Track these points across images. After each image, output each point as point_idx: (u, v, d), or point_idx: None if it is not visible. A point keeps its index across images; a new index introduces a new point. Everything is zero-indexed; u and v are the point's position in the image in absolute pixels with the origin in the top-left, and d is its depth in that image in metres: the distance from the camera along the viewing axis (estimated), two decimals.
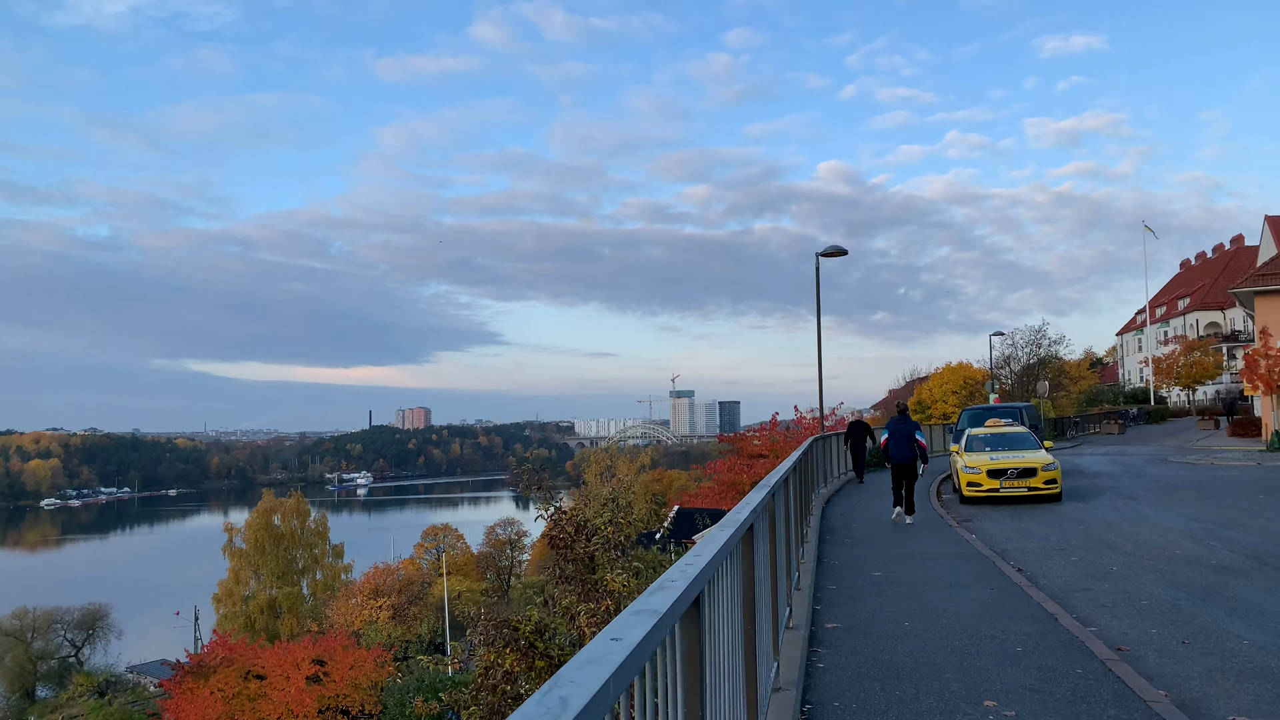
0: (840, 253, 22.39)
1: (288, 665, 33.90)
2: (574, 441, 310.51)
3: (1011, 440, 21.87)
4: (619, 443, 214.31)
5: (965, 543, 13.60)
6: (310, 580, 72.19)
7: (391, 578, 64.05)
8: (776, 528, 6.11)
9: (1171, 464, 31.25)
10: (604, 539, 10.57)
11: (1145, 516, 16.60)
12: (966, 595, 9.36)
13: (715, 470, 44.63)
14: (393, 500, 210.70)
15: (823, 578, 10.44)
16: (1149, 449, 41.62)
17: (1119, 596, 9.57)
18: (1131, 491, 21.51)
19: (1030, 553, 12.83)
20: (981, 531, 15.34)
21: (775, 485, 6.13)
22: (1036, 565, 11.74)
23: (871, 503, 20.33)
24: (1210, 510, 17.16)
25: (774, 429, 42.76)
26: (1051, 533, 14.91)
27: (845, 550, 12.82)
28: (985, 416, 27.54)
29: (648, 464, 59.97)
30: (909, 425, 17.08)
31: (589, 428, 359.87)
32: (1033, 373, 65.95)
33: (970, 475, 20.29)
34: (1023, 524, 16.38)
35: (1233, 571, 10.67)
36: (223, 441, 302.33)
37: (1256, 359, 34.45)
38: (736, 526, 3.57)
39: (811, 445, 17.49)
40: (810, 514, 15.82)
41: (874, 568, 11.24)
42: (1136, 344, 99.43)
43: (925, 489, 23.35)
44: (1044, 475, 19.80)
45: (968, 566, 11.24)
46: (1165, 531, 14.37)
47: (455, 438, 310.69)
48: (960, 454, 21.65)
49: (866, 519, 17.13)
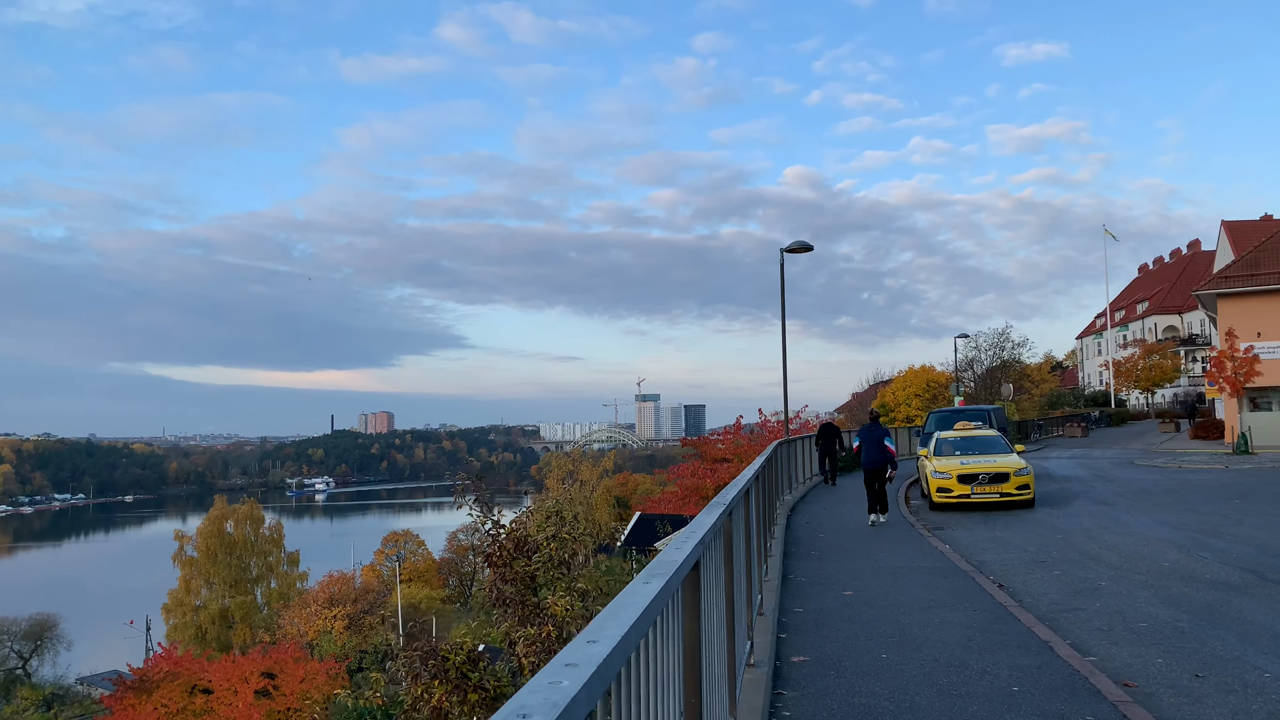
0: (806, 248, 21.50)
1: (235, 679, 32.54)
2: (539, 445, 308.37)
3: (982, 444, 21.09)
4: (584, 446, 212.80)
5: (940, 554, 12.68)
6: (265, 589, 70.44)
7: (347, 586, 62.42)
8: (735, 556, 5.08)
9: (1139, 467, 30.78)
10: (546, 557, 9.47)
11: (1125, 524, 15.83)
12: (948, 619, 8.39)
13: (678, 475, 43.67)
14: (355, 505, 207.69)
15: (789, 598, 9.43)
16: (1114, 452, 41.31)
17: (1114, 617, 8.66)
18: (1105, 497, 20.81)
19: (1010, 566, 11.93)
20: (955, 541, 14.46)
21: (733, 502, 5.09)
22: (1019, 580, 10.84)
23: (839, 509, 19.42)
24: (1190, 517, 16.44)
25: (738, 432, 41.92)
26: (1029, 542, 14.05)
27: (813, 564, 11.84)
28: (953, 419, 26.82)
29: (611, 468, 58.82)
30: (880, 431, 17.47)
31: (554, 431, 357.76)
32: (996, 376, 65.89)
33: (940, 481, 19.44)
34: (998, 532, 15.54)
35: (1231, 588, 9.82)
36: (181, 446, 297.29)
37: (1223, 360, 34.18)
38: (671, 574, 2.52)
39: (776, 450, 16.53)
40: (775, 523, 14.85)
41: (844, 585, 10.26)
42: (1096, 347, 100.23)
43: (894, 494, 22.53)
44: (1016, 480, 19.01)
45: (945, 583, 10.29)
46: (1149, 541, 13.57)
47: (419, 442, 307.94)
48: (929, 459, 20.82)
49: (834, 527, 16.18)
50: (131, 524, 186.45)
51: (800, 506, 19.85)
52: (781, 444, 18.69)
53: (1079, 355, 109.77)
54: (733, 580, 4.91)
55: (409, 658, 9.04)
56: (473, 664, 9.14)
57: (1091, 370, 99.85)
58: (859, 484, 20.99)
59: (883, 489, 17.00)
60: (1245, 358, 33.78)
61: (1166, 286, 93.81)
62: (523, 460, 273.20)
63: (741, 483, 6.46)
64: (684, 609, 3.14)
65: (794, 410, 46.32)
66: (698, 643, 3.34)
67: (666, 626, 2.75)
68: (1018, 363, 67.95)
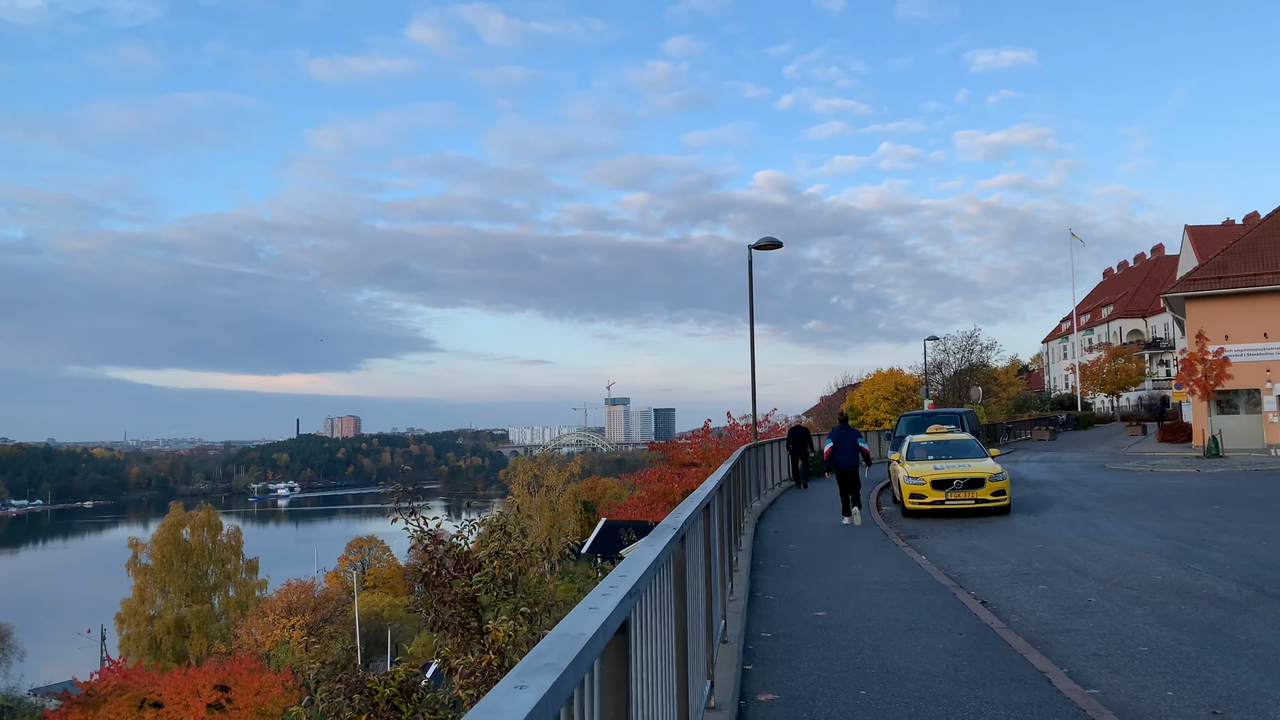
0: (775, 245, 20.73)
1: (187, 692, 31.34)
2: (508, 449, 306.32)
3: (956, 448, 20.42)
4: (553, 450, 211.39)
5: (917, 566, 11.91)
6: (223, 597, 68.77)
7: (307, 594, 60.98)
8: (690, 588, 4.20)
9: (1111, 471, 30.38)
10: (488, 576, 8.54)
11: (1106, 532, 15.17)
12: (932, 644, 7.58)
13: (646, 479, 42.73)
14: (320, 510, 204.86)
15: (755, 621, 8.57)
16: (1084, 455, 41.04)
17: (1111, 640, 7.90)
18: (1081, 502, 20.22)
19: (992, 579, 11.17)
20: (932, 551, 13.70)
21: (686, 524, 4.21)
22: (1003, 597, 10.06)
23: (810, 516, 18.63)
24: (1173, 524, 15.83)
25: (705, 436, 41.10)
26: (1009, 552, 13.33)
27: (782, 580, 11.00)
28: (925, 423, 26.18)
29: (578, 473, 57.82)
30: (852, 433, 17.58)
31: (523, 435, 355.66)
32: (964, 379, 65.78)
33: (913, 486, 18.72)
34: (975, 541, 14.81)
35: (1232, 604, 9.11)
36: (143, 451, 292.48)
37: (1193, 363, 33.91)
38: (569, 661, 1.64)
39: (743, 455, 15.71)
40: (743, 533, 14.02)
41: (816, 604, 9.42)
42: (1062, 351, 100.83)
43: (865, 499, 21.81)
44: (992, 486, 18.34)
45: (925, 601, 9.49)
46: (1135, 551, 12.89)
47: (386, 446, 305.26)
48: (901, 463, 20.10)
49: (805, 536, 15.37)
50: (91, 530, 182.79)
51: (769, 514, 19.05)
52: (749, 449, 17.87)
53: (1045, 359, 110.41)
54: (685, 622, 4.03)
55: (331, 689, 8.09)
56: (406, 695, 8.20)
57: (1057, 374, 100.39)
58: (830, 488, 20.45)
59: (856, 494, 17.07)
60: (1216, 360, 33.55)
61: (1131, 291, 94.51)
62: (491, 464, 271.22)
63: (700, 497, 5.59)
64: (603, 687, 2.26)
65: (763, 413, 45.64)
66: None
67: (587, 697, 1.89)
68: (985, 366, 67.95)
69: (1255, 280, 39.05)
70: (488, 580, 8.52)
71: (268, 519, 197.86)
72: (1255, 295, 38.82)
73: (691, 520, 4.70)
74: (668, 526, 3.84)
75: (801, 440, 25.13)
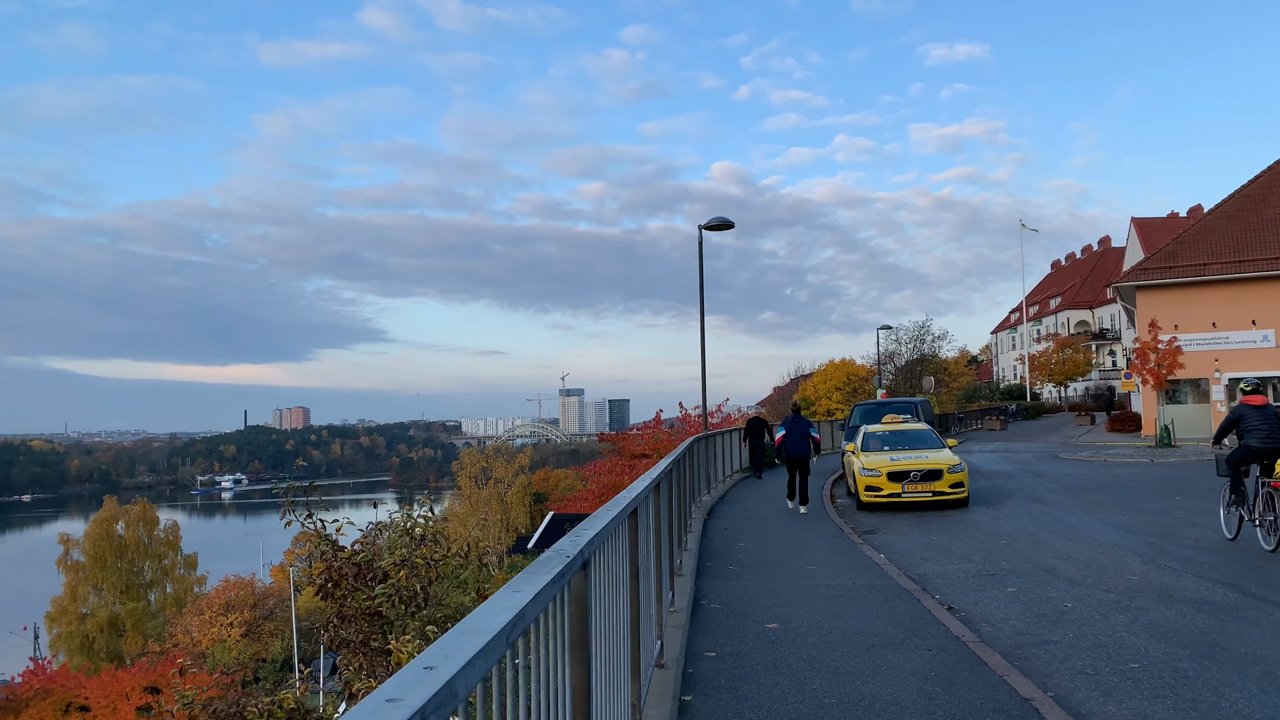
0: (726, 225, 19.76)
1: (115, 695, 29.87)
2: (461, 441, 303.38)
3: (912, 439, 19.66)
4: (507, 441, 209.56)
5: (875, 567, 11.00)
6: (160, 594, 66.54)
7: (247, 590, 59.02)
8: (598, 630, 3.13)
9: (1065, 461, 30.02)
10: (393, 587, 7.41)
11: (1071, 526, 14.45)
12: (898, 663, 6.62)
13: (596, 471, 41.78)
14: (269, 503, 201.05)
15: (699, 636, 7.54)
16: (1036, 445, 40.87)
17: (1096, 654, 7.01)
18: (1040, 494, 19.59)
19: (957, 581, 10.30)
20: (890, 549, 12.83)
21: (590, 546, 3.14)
22: (970, 601, 9.18)
23: (762, 510, 17.71)
24: (1137, 518, 15.17)
25: (658, 427, 40.23)
26: (973, 550, 12.50)
27: (730, 584, 10.01)
28: (880, 412, 25.48)
29: (527, 464, 56.56)
30: (803, 423, 17.78)
31: (477, 427, 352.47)
32: (916, 368, 65.78)
33: (869, 479, 17.90)
34: (934, 537, 13.99)
35: (1220, 610, 8.30)
36: (84, 443, 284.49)
37: (1146, 352, 33.73)
38: None
39: (691, 447, 14.72)
40: (689, 530, 13.02)
41: (768, 613, 8.43)
42: (1011, 342, 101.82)
43: (819, 491, 21.02)
44: (950, 478, 17.57)
45: (887, 608, 8.55)
46: (1104, 548, 12.12)
47: (336, 438, 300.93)
48: (856, 454, 19.28)
49: (756, 533, 14.42)
50: (30, 524, 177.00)
51: (719, 509, 18.09)
52: (698, 440, 16.88)
53: (994, 350, 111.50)
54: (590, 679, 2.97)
55: None
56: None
57: (1006, 364, 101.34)
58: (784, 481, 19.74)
59: (805, 482, 17.39)
60: (1169, 349, 33.39)
61: (1079, 282, 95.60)
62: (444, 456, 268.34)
63: (625, 501, 4.53)
64: None
65: (716, 404, 44.91)
66: None
67: None
68: (935, 357, 68.05)
69: (1204, 270, 39.12)
70: (392, 594, 7.40)
71: (213, 512, 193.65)
72: (1204, 285, 38.91)
73: (606, 534, 3.64)
74: (561, 553, 2.77)
75: (760, 431, 25.33)
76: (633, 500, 4.71)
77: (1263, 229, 39.75)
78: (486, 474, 52.29)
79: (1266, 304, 38.12)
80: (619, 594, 4.08)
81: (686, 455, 12.77)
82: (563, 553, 2.76)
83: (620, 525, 4.21)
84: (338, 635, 7.61)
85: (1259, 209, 40.55)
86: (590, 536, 3.20)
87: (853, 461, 19.24)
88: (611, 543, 3.87)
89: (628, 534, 4.59)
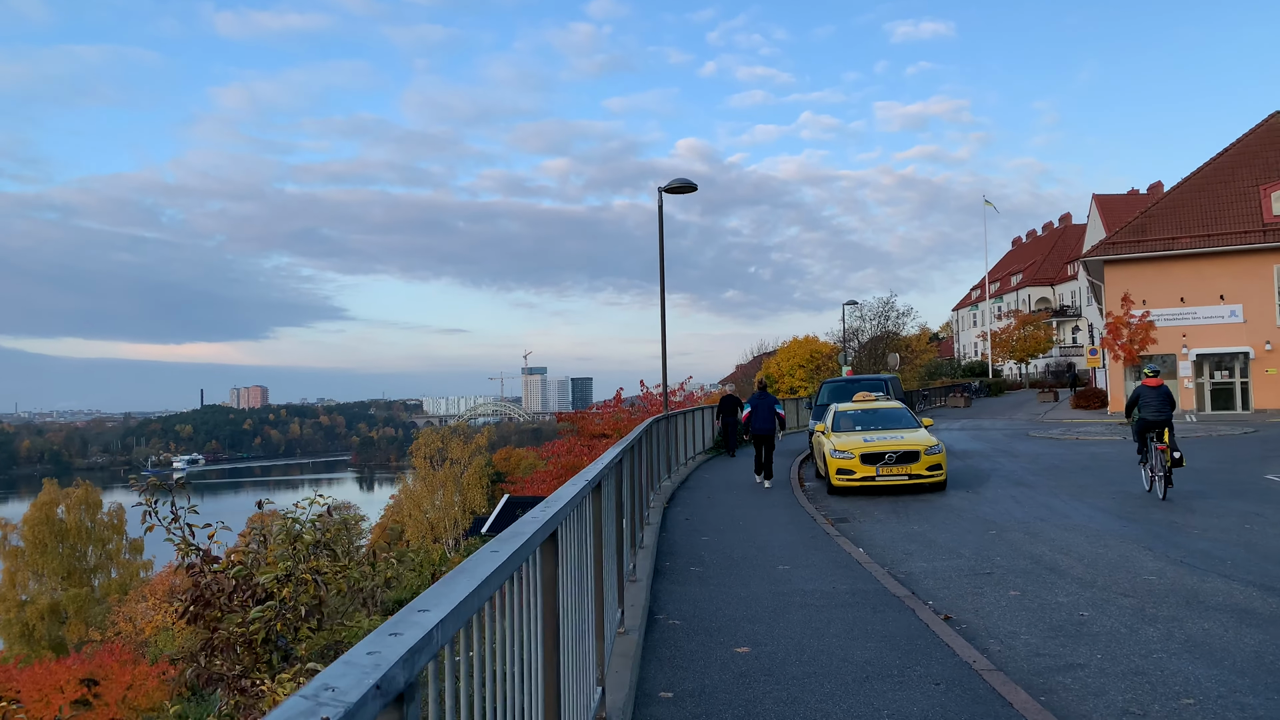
0: (688, 187, 18.29)
1: (49, 688, 28.00)
2: (422, 420, 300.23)
3: (886, 418, 18.45)
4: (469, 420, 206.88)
5: (856, 565, 9.71)
6: (104, 579, 64.27)
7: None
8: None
9: (1037, 439, 29.12)
10: (273, 610, 5.93)
11: (1061, 513, 13.29)
12: (901, 706, 5.28)
13: (554, 452, 40.34)
14: (227, 484, 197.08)
15: (653, 665, 6.15)
16: (1002, 422, 40.10)
17: (1138, 685, 5.74)
18: (1019, 475, 18.50)
19: (949, 582, 9.02)
20: (869, 542, 11.56)
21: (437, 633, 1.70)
22: (970, 609, 7.89)
23: (728, 496, 16.38)
24: (1129, 503, 14.06)
25: (618, 406, 38.82)
26: (961, 542, 11.26)
27: (693, 590, 8.64)
28: (850, 390, 24.29)
29: (485, 444, 54.93)
30: (769, 400, 18.47)
31: (438, 406, 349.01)
32: (881, 345, 65.05)
33: (840, 461, 16.65)
34: (916, 526, 12.75)
35: (1265, 619, 7.09)
36: (35, 424, 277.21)
37: (1118, 327, 32.89)
38: None
39: (651, 428, 13.33)
40: (647, 523, 11.65)
41: (736, 631, 7.07)
42: (972, 319, 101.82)
43: (787, 473, 19.78)
44: (927, 460, 16.37)
45: (877, 622, 7.23)
46: (1105, 539, 10.95)
47: (294, 417, 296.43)
48: (827, 434, 18.02)
49: (721, 524, 13.07)
50: None
51: (681, 495, 16.72)
52: (658, 421, 15.48)
53: (954, 327, 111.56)
54: None
55: None
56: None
57: (967, 341, 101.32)
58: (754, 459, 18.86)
59: (770, 457, 18.10)
60: (1141, 324, 32.58)
61: (1040, 259, 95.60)
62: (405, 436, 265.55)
63: (539, 521, 3.10)
64: None
65: (678, 382, 43.58)
66: None
67: None
68: (898, 335, 67.42)
69: (1173, 244, 38.45)
70: (273, 616, 5.93)
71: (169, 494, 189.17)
72: (1173, 259, 38.27)
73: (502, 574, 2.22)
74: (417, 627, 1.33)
75: (732, 409, 24.96)
76: (551, 519, 3.27)
77: (1232, 202, 39.14)
78: (442, 454, 50.61)
79: (1235, 279, 37.59)
80: (530, 653, 2.65)
81: (644, 439, 11.39)
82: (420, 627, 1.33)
83: (515, 566, 2.77)
84: (208, 669, 6.11)
85: (1228, 182, 39.92)
86: (444, 613, 1.76)
87: (823, 442, 17.98)
88: (520, 573, 2.44)
89: (540, 565, 3.16)
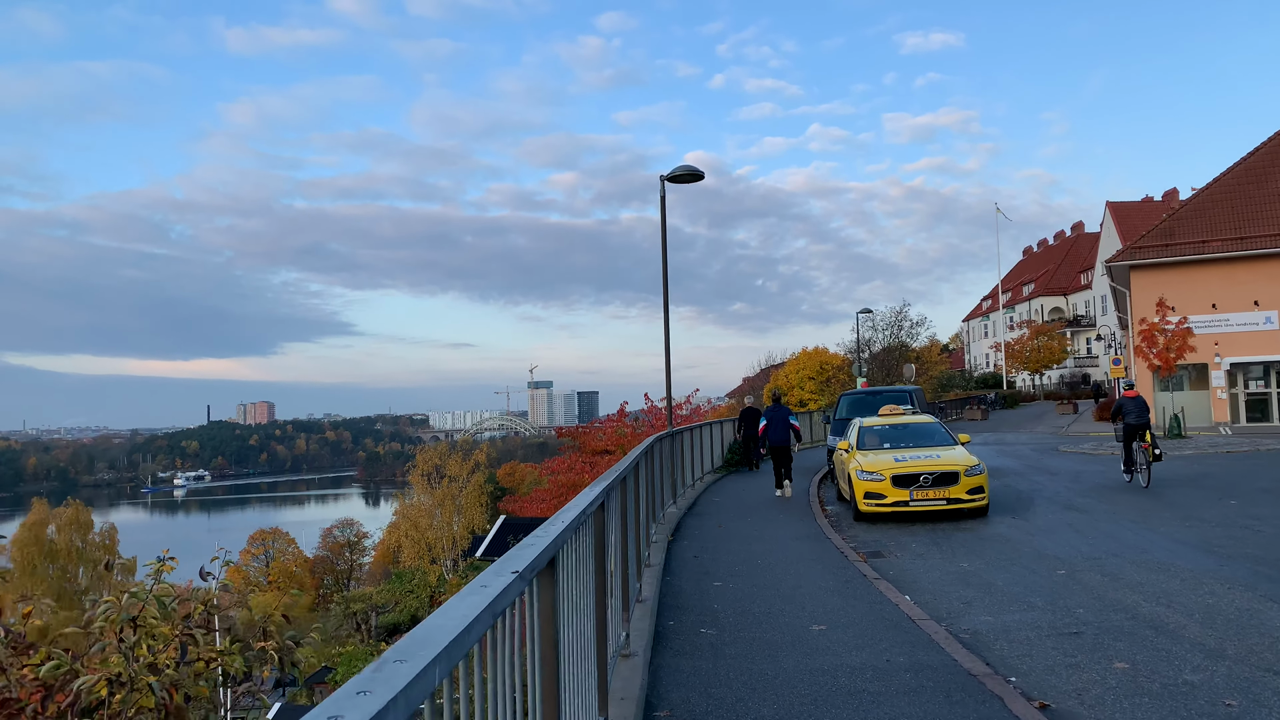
0: (695, 176, 16.43)
1: None
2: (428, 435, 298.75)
3: (917, 434, 16.53)
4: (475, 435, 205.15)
5: (909, 624, 7.79)
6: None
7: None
8: None
9: (1070, 455, 27.15)
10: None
11: (1133, 546, 11.35)
12: None
13: (554, 469, 38.50)
14: (233, 500, 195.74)
15: None
16: (1027, 436, 38.12)
17: None
18: (1066, 498, 16.55)
19: (1030, 646, 7.10)
20: (915, 585, 9.65)
21: None
22: (1072, 695, 5.95)
23: (742, 525, 14.44)
24: (1210, 531, 12.10)
25: (621, 420, 37.01)
26: (1026, 586, 9.33)
27: (703, 667, 6.73)
28: (871, 403, 22.20)
29: (484, 461, 53.09)
30: (784, 411, 18.74)
31: (444, 420, 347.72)
32: (893, 355, 63.15)
33: (869, 483, 14.72)
34: (964, 563, 10.83)
35: None
36: (42, 440, 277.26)
37: (1154, 334, 30.90)
38: None
39: (652, 448, 11.45)
40: (647, 565, 9.76)
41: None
42: (983, 330, 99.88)
43: (808, 494, 17.90)
44: (968, 482, 14.44)
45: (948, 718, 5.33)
46: (1202, 581, 9.01)
47: (301, 433, 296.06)
48: (851, 453, 16.11)
49: (736, 562, 11.15)
50: None
51: (688, 525, 14.79)
52: (660, 439, 13.58)
53: (965, 338, 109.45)
54: None
55: None
56: None
57: (979, 352, 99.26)
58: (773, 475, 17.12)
59: (789, 467, 18.37)
60: (1178, 330, 30.60)
61: (1053, 268, 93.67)
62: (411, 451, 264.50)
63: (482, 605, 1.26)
64: None
65: (684, 395, 41.72)
66: None
67: None
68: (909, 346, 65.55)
69: (1204, 247, 36.52)
70: None
71: (175, 509, 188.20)
72: (1204, 264, 36.33)
73: None
74: None
75: (753, 421, 23.74)
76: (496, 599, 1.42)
77: (1266, 204, 37.19)
78: (440, 472, 48.83)
79: (1270, 284, 35.62)
80: None
81: (642, 462, 9.54)
82: None
83: None
84: None
85: (1261, 182, 38.00)
86: None
87: (847, 462, 16.05)
88: None
89: None
